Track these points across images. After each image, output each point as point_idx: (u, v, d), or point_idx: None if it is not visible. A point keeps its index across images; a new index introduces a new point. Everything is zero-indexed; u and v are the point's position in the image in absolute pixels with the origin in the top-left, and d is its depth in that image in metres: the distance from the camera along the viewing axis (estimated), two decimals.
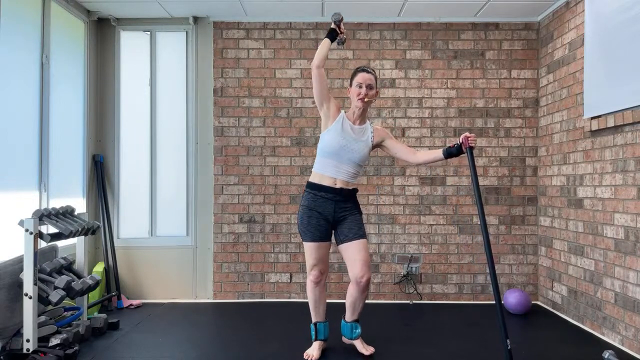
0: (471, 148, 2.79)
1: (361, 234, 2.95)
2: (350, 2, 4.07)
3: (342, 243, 2.98)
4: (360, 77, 2.95)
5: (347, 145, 2.92)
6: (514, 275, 4.42)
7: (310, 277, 2.99)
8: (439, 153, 2.92)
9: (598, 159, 3.48)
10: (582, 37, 3.66)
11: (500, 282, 4.31)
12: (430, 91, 4.47)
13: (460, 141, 2.81)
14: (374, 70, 3.02)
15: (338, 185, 2.93)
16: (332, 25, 2.97)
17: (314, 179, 2.98)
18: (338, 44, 3.06)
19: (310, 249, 2.96)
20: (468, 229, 4.43)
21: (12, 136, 3.32)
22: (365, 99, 2.92)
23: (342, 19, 2.95)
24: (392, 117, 4.45)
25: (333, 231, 3.01)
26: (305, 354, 3.01)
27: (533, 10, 4.25)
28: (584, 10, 3.60)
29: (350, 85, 3.00)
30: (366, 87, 2.92)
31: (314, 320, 3.07)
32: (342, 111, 3.01)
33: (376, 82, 3.00)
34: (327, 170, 2.94)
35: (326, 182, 2.94)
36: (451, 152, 2.86)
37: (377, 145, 3.06)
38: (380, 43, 4.48)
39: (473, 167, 2.79)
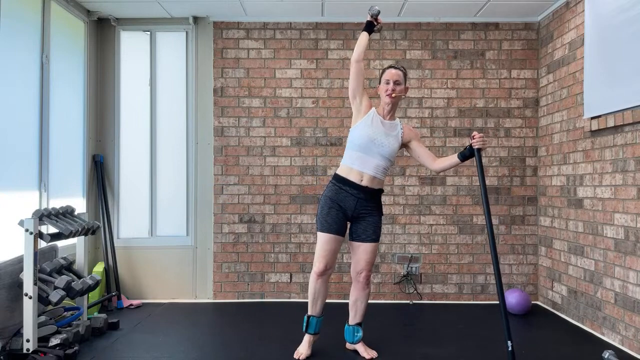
0: (478, 149, 2.80)
1: (374, 238, 2.98)
2: (350, 2, 4.07)
3: (354, 240, 3.01)
4: (388, 73, 2.99)
5: (376, 138, 2.92)
6: (514, 275, 4.42)
7: (315, 268, 2.97)
8: (454, 158, 2.93)
9: (598, 159, 3.48)
10: (582, 37, 3.66)
11: None
12: (430, 91, 4.47)
13: (470, 141, 2.84)
14: (403, 67, 3.06)
15: (364, 182, 2.91)
16: (369, 18, 3.01)
17: (341, 171, 2.98)
18: (375, 32, 3.12)
19: (322, 240, 2.95)
20: (468, 229, 4.43)
21: (12, 136, 3.32)
22: (393, 95, 2.95)
23: (379, 12, 2.99)
24: None
25: (349, 224, 3.02)
26: (295, 353, 2.99)
27: (533, 10, 4.25)
28: (584, 10, 3.60)
29: (380, 83, 3.04)
30: (393, 82, 2.96)
31: (309, 313, 3.04)
32: (373, 107, 3.03)
33: (405, 78, 3.02)
34: (355, 164, 2.93)
35: (352, 177, 2.92)
36: (465, 155, 2.88)
37: (404, 145, 3.06)
38: (380, 43, 4.48)
39: (480, 168, 2.78)
